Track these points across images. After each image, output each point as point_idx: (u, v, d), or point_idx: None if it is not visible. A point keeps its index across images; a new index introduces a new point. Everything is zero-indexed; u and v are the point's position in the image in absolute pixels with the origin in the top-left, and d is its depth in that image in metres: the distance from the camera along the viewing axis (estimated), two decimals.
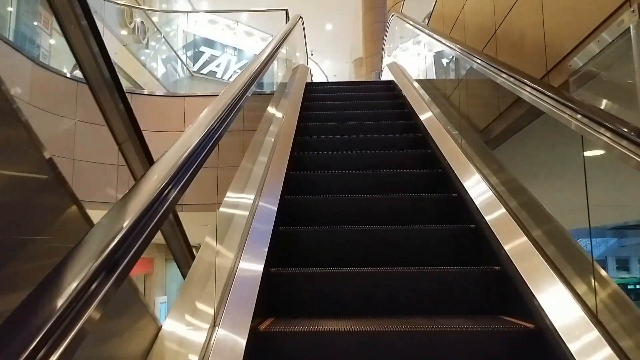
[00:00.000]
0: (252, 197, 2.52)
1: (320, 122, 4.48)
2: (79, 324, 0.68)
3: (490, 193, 2.54)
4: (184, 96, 7.61)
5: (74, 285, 0.71)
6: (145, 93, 7.65)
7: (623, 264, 27.43)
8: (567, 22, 2.30)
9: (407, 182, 3.19)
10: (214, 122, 1.71)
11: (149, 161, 1.97)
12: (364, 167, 3.42)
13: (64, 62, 7.68)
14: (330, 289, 2.18)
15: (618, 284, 1.66)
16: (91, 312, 0.72)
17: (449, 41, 3.63)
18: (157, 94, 7.90)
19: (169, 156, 1.32)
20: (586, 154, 3.47)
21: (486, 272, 2.15)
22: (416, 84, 5.40)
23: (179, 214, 2.33)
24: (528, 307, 1.78)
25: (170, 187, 1.16)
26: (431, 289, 2.17)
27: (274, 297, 2.14)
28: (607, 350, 1.42)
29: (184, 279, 1.88)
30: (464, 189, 2.74)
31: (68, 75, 7.16)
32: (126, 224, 0.91)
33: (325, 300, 2.17)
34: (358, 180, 3.22)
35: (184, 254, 2.23)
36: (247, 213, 2.36)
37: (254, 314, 1.73)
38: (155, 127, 7.02)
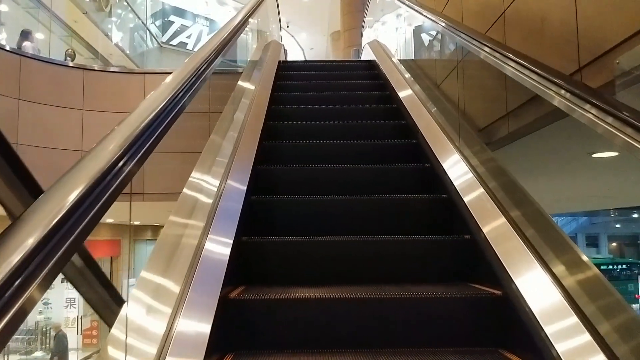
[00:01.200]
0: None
1: (292, 122, 3.81)
2: None
3: (481, 191, 2.33)
4: (144, 73, 6.81)
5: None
6: (98, 68, 6.81)
7: (592, 241, 28.08)
8: (615, 6, 1.72)
9: None
10: (179, 88, 1.65)
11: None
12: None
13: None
14: (301, 258, 2.24)
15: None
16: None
17: (445, 20, 3.02)
18: (112, 69, 7.08)
19: (126, 123, 1.26)
20: (597, 155, 2.95)
21: (457, 240, 2.25)
22: (401, 67, 4.87)
23: (139, 202, 2.32)
24: (496, 275, 1.84)
25: (127, 156, 1.13)
26: (402, 257, 2.25)
27: (245, 265, 2.16)
28: (568, 311, 1.50)
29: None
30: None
31: (7, 48, 6.32)
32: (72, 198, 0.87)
33: (297, 269, 2.23)
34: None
35: (104, 303, 1.65)
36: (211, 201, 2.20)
37: (224, 282, 1.72)
38: (110, 106, 6.27)
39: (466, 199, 2.29)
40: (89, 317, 13.03)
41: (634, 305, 15.75)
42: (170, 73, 1.78)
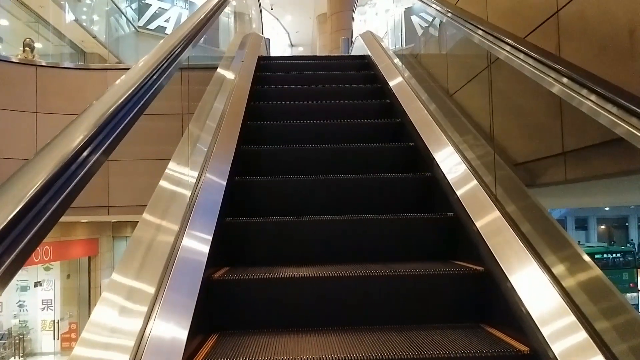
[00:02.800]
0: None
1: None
2: None
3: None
4: (106, 69, 5.92)
5: None
6: (51, 65, 5.91)
7: (581, 224, 28.14)
8: None
9: None
10: (150, 74, 1.59)
11: None
12: None
13: None
14: (287, 238, 2.25)
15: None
16: None
17: (473, 22, 2.26)
18: (69, 66, 6.19)
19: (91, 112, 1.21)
20: None
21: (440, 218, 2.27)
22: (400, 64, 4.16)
23: (104, 217, 2.35)
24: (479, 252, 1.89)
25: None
26: (388, 235, 2.27)
27: (229, 247, 2.18)
28: (549, 285, 1.56)
29: None
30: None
31: None
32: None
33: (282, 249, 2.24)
34: None
35: None
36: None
37: (207, 264, 1.73)
38: (68, 108, 5.45)
39: None
40: (66, 320, 12.31)
41: (629, 295, 15.62)
42: None
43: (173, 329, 1.41)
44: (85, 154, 1.07)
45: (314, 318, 1.84)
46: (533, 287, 1.59)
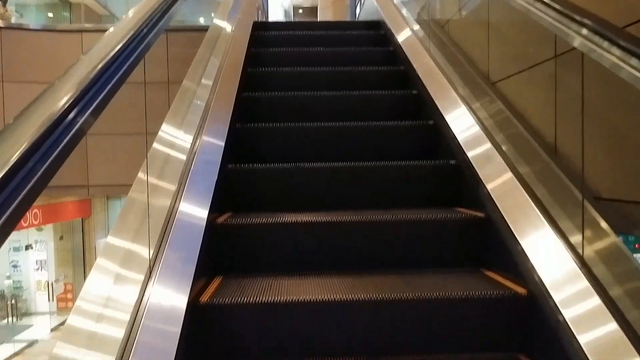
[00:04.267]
0: None
1: None
2: None
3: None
4: (81, 31, 5.43)
5: None
6: (16, 26, 5.41)
7: None
8: None
9: None
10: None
11: None
12: None
13: None
14: (289, 183, 2.29)
15: None
16: None
17: None
18: (38, 27, 5.74)
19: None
20: None
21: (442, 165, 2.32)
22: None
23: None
24: (480, 199, 1.94)
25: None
26: (389, 182, 2.30)
27: (231, 194, 2.21)
28: (545, 226, 1.60)
29: None
30: None
31: None
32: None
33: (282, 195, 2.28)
34: None
35: None
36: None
37: (211, 208, 1.78)
38: (38, 76, 4.99)
39: None
40: (61, 281, 12.40)
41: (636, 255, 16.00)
42: None
43: (180, 269, 1.48)
44: (83, 103, 1.05)
45: (315, 262, 1.91)
46: (532, 232, 1.65)
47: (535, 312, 1.52)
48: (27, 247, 12.24)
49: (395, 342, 1.61)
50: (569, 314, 1.38)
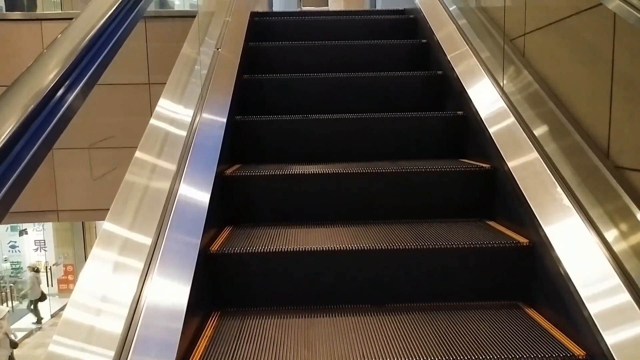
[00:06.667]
0: None
1: None
2: None
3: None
4: (40, 19, 4.54)
5: None
6: None
7: None
8: None
9: None
10: None
11: None
12: None
13: None
14: (297, 134, 2.38)
15: None
16: None
17: None
18: None
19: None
20: None
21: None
22: None
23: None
24: (486, 150, 2.02)
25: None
26: (397, 131, 2.37)
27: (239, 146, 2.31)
28: (551, 179, 1.65)
29: None
30: None
31: None
32: None
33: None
34: None
35: None
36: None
37: (220, 161, 1.86)
38: None
39: None
40: (61, 264, 12.46)
41: None
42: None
43: (193, 213, 1.58)
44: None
45: (323, 213, 2.03)
46: (536, 182, 1.72)
47: (537, 262, 1.61)
48: (22, 233, 12.23)
49: (399, 291, 1.72)
50: (570, 265, 1.43)
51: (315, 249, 1.68)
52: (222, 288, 1.69)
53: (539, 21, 2.05)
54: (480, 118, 2.13)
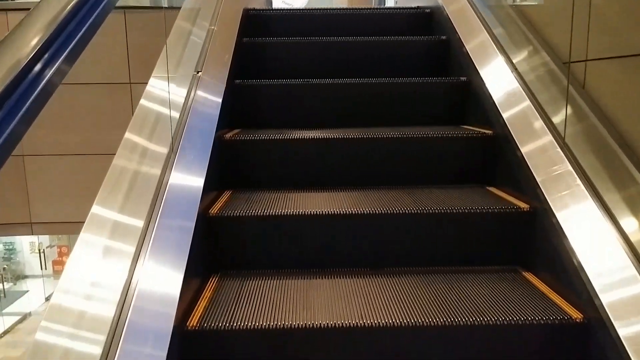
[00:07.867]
0: None
1: None
2: None
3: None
4: (6, 10, 4.10)
5: None
6: None
7: None
8: None
9: None
10: None
11: None
12: None
13: None
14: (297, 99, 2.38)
15: None
16: None
17: None
18: None
19: None
20: None
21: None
22: None
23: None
24: (489, 117, 2.03)
25: None
26: (397, 97, 2.38)
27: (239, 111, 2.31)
28: (553, 145, 1.63)
29: None
30: None
31: None
32: None
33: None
34: None
35: None
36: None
37: (218, 125, 1.86)
38: None
39: None
40: (54, 247, 12.36)
41: None
42: None
43: (191, 179, 1.59)
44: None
45: (323, 178, 2.04)
46: (538, 147, 1.73)
47: (537, 227, 1.63)
48: None
49: (399, 255, 1.75)
50: (570, 231, 1.44)
51: (315, 212, 1.70)
52: (222, 251, 1.71)
53: None
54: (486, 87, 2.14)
